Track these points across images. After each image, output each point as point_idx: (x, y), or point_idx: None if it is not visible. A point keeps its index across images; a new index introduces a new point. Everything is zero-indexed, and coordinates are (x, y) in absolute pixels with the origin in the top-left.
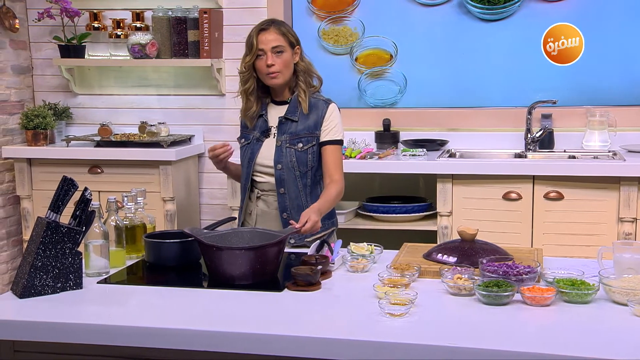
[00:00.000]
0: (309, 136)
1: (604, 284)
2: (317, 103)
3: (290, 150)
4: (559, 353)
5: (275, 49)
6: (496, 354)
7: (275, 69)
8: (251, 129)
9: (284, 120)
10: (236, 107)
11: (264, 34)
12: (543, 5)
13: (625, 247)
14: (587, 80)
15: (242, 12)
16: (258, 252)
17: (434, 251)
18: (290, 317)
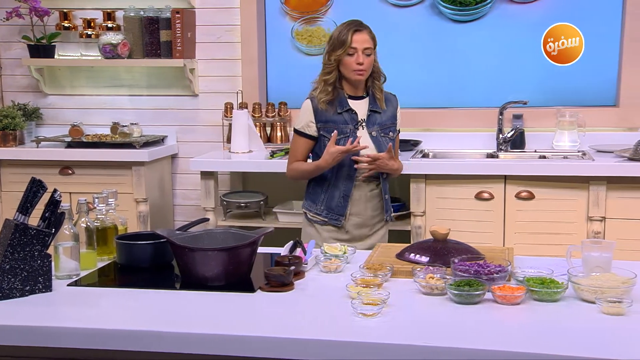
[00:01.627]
0: (392, 126)
1: (573, 282)
2: (389, 96)
3: (385, 139)
4: (529, 351)
5: (366, 50)
6: (468, 352)
7: (363, 68)
8: (340, 123)
9: (370, 113)
10: (209, 108)
11: (360, 34)
12: (514, 6)
13: (594, 245)
14: (557, 81)
15: (215, 12)
16: (231, 253)
17: (406, 251)
18: (263, 318)
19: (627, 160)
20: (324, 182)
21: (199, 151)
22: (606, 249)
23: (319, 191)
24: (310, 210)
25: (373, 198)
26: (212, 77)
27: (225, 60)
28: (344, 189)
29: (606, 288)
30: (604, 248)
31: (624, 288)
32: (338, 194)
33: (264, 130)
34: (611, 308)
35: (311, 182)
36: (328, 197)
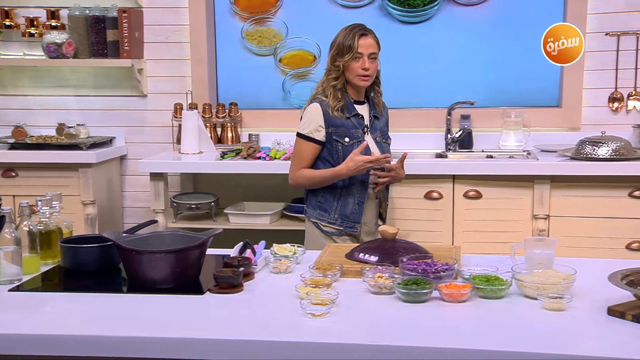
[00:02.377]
0: (387, 132)
1: (516, 279)
2: (383, 103)
3: (386, 145)
4: (474, 347)
5: (371, 55)
6: (414, 350)
7: (369, 73)
8: (350, 128)
9: (372, 119)
10: (158, 109)
11: (365, 39)
12: (461, 8)
13: (536, 243)
14: (503, 82)
15: (164, 12)
16: (178, 255)
17: (356, 251)
18: (212, 320)
19: (570, 159)
20: (336, 190)
21: (148, 152)
22: (548, 246)
23: (331, 199)
24: (322, 220)
25: (376, 206)
26: (161, 77)
27: (174, 60)
28: (358, 196)
29: (548, 284)
30: (546, 245)
31: (565, 284)
32: (352, 200)
33: (215, 131)
34: (552, 304)
35: (320, 190)
36: (342, 204)
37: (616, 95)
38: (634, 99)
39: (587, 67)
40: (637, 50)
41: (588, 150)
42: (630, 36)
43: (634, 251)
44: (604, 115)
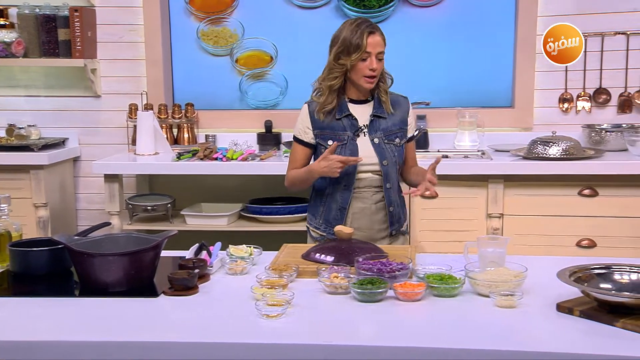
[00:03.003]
0: (399, 132)
1: (469, 277)
2: (398, 99)
3: (390, 145)
4: (428, 346)
5: (379, 54)
6: (369, 350)
7: (376, 74)
8: (337, 130)
9: (373, 118)
10: (113, 109)
11: (374, 37)
12: (416, 10)
13: (488, 242)
14: (458, 83)
15: (117, 11)
16: (132, 258)
17: (312, 251)
18: (166, 323)
19: (522, 159)
20: (322, 194)
21: (102, 153)
22: (500, 245)
23: (319, 203)
24: (310, 225)
25: (379, 211)
26: (115, 77)
27: (128, 60)
28: (340, 201)
29: (499, 282)
30: (498, 244)
31: (516, 282)
32: (335, 206)
33: (171, 132)
34: (504, 301)
35: (312, 195)
36: (326, 209)
37: (566, 96)
38: (583, 100)
39: (537, 68)
40: (585, 51)
41: (539, 149)
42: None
43: (584, 248)
44: (554, 116)
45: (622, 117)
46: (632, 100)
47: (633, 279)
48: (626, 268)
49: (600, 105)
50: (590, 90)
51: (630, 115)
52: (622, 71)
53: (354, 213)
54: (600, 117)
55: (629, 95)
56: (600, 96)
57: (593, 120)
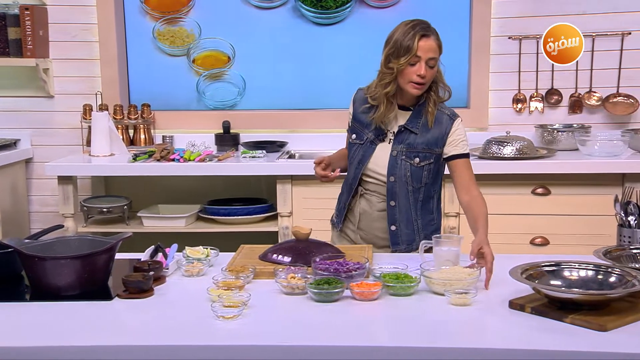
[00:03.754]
0: (427, 152)
1: (425, 276)
2: (442, 117)
3: (406, 163)
4: (384, 344)
5: (430, 61)
6: (325, 350)
7: (424, 81)
8: (366, 129)
9: (403, 129)
10: (66, 110)
11: (427, 41)
12: (372, 10)
13: (444, 240)
14: None
15: (70, 9)
16: (85, 261)
17: (269, 252)
18: (121, 326)
19: (478, 158)
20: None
21: (56, 155)
22: (455, 243)
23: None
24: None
25: (381, 220)
26: (69, 77)
27: (82, 60)
28: (344, 199)
29: (454, 280)
30: (453, 243)
31: (470, 280)
32: (343, 198)
33: (127, 133)
34: (458, 299)
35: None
36: (339, 199)
37: (519, 96)
38: (536, 100)
39: (492, 69)
40: (537, 53)
41: (494, 149)
42: (530, 40)
43: (537, 246)
44: (508, 116)
45: (573, 118)
46: (582, 101)
47: (582, 275)
48: (575, 265)
49: (552, 106)
50: (542, 91)
51: (580, 115)
52: (573, 72)
53: (356, 213)
54: (552, 117)
55: (579, 96)
56: (552, 97)
57: (545, 121)
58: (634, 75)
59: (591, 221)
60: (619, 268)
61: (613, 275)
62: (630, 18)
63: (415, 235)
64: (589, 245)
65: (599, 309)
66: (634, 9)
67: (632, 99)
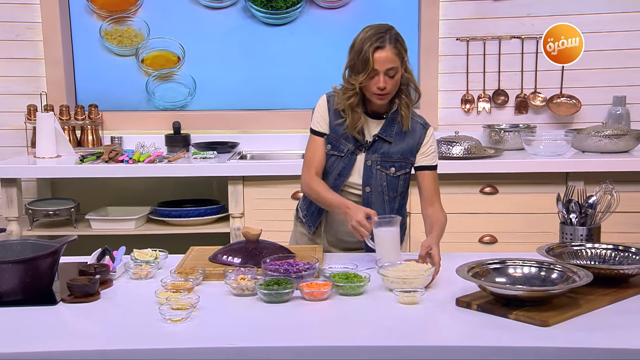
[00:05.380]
0: (402, 161)
1: (381, 274)
2: (415, 126)
3: (382, 173)
4: (332, 344)
5: (389, 71)
6: (274, 350)
7: (385, 92)
8: (344, 140)
9: (377, 139)
10: (9, 110)
11: (381, 53)
12: (322, 11)
13: (381, 221)
14: None
15: (12, 8)
16: (28, 265)
17: (219, 253)
18: (65, 331)
19: None
20: None
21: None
22: (393, 224)
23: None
24: (299, 210)
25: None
26: (12, 77)
27: (26, 59)
28: (319, 207)
29: (412, 278)
30: (391, 223)
31: (427, 276)
32: (316, 205)
33: (74, 134)
34: (406, 298)
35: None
36: (310, 202)
37: (468, 97)
38: (483, 101)
39: (441, 70)
40: (484, 54)
41: (443, 149)
42: (477, 41)
43: (485, 244)
44: (457, 116)
45: (519, 118)
46: (527, 101)
47: (526, 272)
48: (519, 262)
49: (499, 106)
50: (490, 91)
51: (526, 115)
52: (518, 73)
53: (330, 218)
54: (499, 118)
55: (524, 96)
56: (499, 97)
57: (493, 121)
58: (576, 77)
59: (537, 219)
60: (560, 265)
61: (555, 272)
62: (575, 21)
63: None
64: (535, 243)
65: (541, 304)
66: (577, 12)
67: (574, 99)
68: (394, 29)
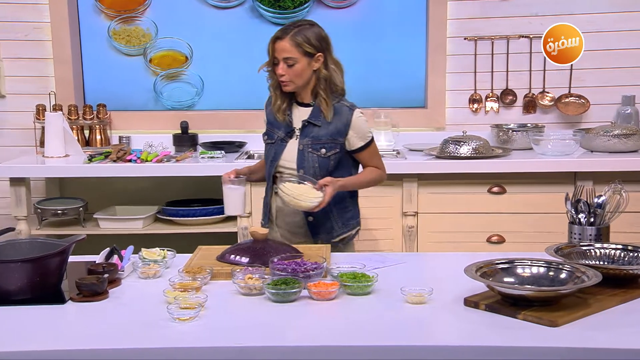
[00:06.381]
0: (331, 142)
1: (280, 188)
2: (341, 109)
3: (313, 155)
4: (341, 344)
5: (287, 60)
6: (282, 350)
7: (284, 79)
8: (276, 128)
9: (307, 124)
10: (18, 110)
11: (279, 43)
12: (330, 11)
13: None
14: (373, 84)
15: (21, 8)
16: (36, 264)
17: (227, 253)
18: (74, 330)
19: (435, 158)
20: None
21: (8, 156)
22: (239, 183)
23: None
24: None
25: (296, 215)
26: (21, 77)
27: (35, 59)
28: (265, 199)
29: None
30: (236, 182)
31: (309, 202)
32: (264, 200)
33: (82, 134)
34: (414, 297)
35: None
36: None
37: (475, 96)
38: (491, 101)
39: (448, 69)
40: (492, 54)
41: (451, 149)
42: (485, 41)
43: (493, 244)
44: (465, 116)
45: (527, 117)
46: (535, 101)
47: (534, 272)
48: (527, 262)
49: (507, 106)
50: (497, 91)
51: (534, 115)
52: (527, 73)
53: (278, 211)
54: (507, 117)
55: (533, 96)
56: (507, 97)
57: (501, 120)
58: (584, 77)
59: (545, 219)
60: (569, 265)
61: (564, 272)
62: (581, 20)
63: (333, 223)
64: (543, 243)
65: (550, 305)
66: (584, 11)
67: (583, 99)
68: (312, 27)
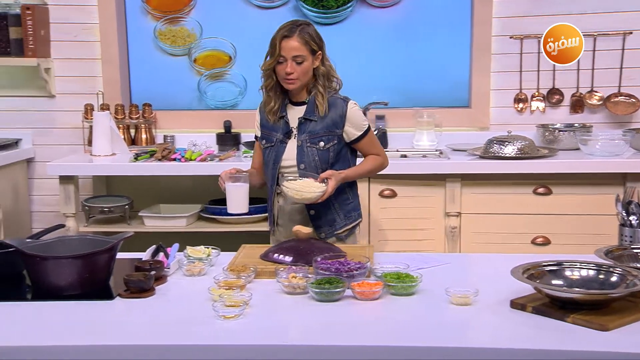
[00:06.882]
0: (329, 134)
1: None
2: (336, 102)
3: (312, 149)
4: (385, 344)
5: (296, 58)
6: (327, 349)
7: (293, 77)
8: (273, 131)
9: (303, 121)
10: (68, 110)
11: (288, 41)
12: (373, 10)
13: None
14: (415, 83)
15: (70, 9)
16: (86, 260)
17: (270, 251)
18: (121, 325)
19: (479, 158)
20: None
21: (57, 155)
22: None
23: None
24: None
25: (296, 213)
26: (70, 77)
27: (83, 60)
28: (269, 204)
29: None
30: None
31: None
32: (268, 205)
33: (128, 133)
34: (459, 298)
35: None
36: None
37: (521, 96)
38: (537, 100)
39: (493, 69)
40: (538, 52)
41: (495, 149)
42: (531, 39)
43: (538, 246)
44: (510, 116)
45: (574, 117)
46: (583, 101)
47: (583, 275)
48: (577, 265)
49: (553, 105)
50: (544, 90)
51: (581, 115)
52: (574, 72)
53: (277, 210)
54: (554, 117)
55: (580, 95)
56: (553, 96)
57: (547, 120)
58: (635, 75)
59: (592, 221)
60: (620, 268)
61: (614, 275)
62: (631, 17)
63: (335, 215)
64: (591, 245)
65: (600, 308)
66: (635, 9)
67: (633, 98)
68: (310, 25)
